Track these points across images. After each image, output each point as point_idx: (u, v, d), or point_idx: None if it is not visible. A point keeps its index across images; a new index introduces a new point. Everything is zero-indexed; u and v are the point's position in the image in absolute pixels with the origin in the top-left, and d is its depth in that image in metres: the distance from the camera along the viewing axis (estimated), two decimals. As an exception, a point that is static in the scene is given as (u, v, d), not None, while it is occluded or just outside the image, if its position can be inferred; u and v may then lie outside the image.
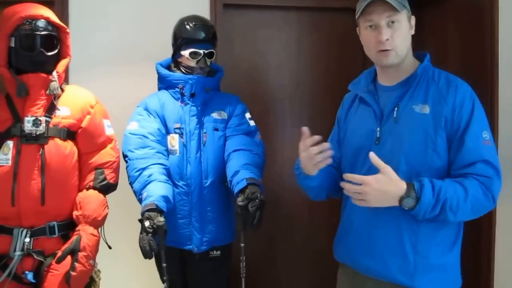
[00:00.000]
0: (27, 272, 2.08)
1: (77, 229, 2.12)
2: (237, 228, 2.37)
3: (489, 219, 2.23)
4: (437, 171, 1.71)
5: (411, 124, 1.74)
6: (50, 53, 2.11)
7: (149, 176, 2.24)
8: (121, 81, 3.02)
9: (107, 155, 2.25)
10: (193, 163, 2.38)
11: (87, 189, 2.19)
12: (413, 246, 1.72)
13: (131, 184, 2.31)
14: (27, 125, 2.06)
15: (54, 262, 2.07)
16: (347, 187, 1.69)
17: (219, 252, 2.46)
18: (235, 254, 2.49)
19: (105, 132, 2.27)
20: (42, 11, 2.10)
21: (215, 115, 2.47)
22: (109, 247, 2.27)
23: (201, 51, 2.42)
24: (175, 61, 2.52)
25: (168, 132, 2.43)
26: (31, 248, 2.08)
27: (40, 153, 2.07)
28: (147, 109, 2.45)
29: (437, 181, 1.65)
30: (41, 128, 2.08)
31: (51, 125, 2.11)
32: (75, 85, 2.29)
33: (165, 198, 2.18)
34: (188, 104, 2.42)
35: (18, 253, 2.06)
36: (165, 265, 2.18)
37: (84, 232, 2.09)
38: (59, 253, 2.06)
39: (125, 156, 2.37)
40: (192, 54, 2.41)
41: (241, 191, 2.17)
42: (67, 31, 2.18)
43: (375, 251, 1.77)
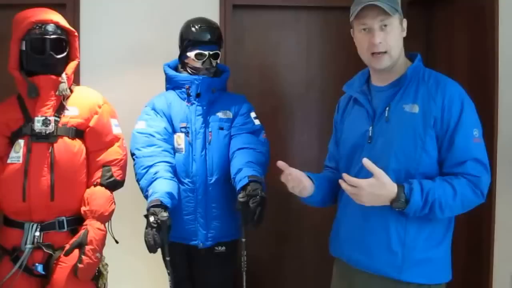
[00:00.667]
0: (37, 264, 2.16)
1: (84, 223, 2.20)
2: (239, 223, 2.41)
3: (488, 214, 2.23)
4: (426, 168, 1.75)
5: (401, 123, 1.78)
6: (59, 56, 2.20)
7: (155, 173, 2.31)
8: (130, 82, 3.10)
9: (114, 153, 2.33)
10: (198, 161, 2.44)
11: (95, 186, 2.27)
12: (401, 240, 1.76)
13: (138, 181, 2.38)
14: (37, 124, 2.15)
15: (62, 255, 2.16)
16: (343, 186, 1.74)
17: (224, 248, 2.52)
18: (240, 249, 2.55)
19: (113, 131, 2.34)
20: (51, 16, 2.19)
21: (220, 115, 2.52)
22: (116, 242, 2.35)
23: (206, 52, 2.47)
24: (181, 62, 2.58)
25: (174, 131, 2.49)
26: (41, 241, 2.17)
27: (49, 151, 2.16)
28: (154, 109, 2.51)
29: (427, 183, 1.70)
30: (51, 127, 2.16)
31: (60, 125, 2.20)
32: (84, 86, 2.37)
33: (170, 194, 2.24)
34: (194, 104, 2.48)
35: (29, 246, 2.15)
36: (168, 258, 2.25)
37: (91, 226, 2.17)
38: (67, 246, 2.15)
39: (132, 154, 2.44)
40: (197, 55, 2.47)
41: (243, 188, 2.23)
42: (75, 34, 2.26)
43: (365, 245, 1.82)
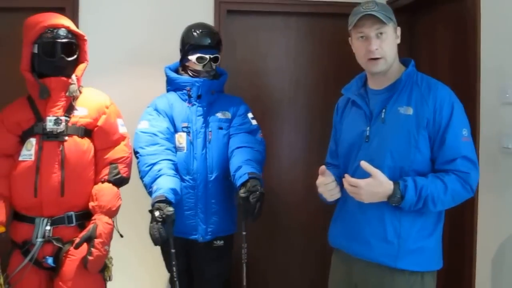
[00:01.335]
0: (47, 257, 2.26)
1: (93, 218, 2.29)
2: (239, 218, 2.54)
3: (471, 209, 2.39)
4: (419, 166, 1.90)
5: (396, 124, 1.93)
6: (69, 59, 2.29)
7: (159, 170, 2.41)
8: (128, 84, 3.19)
9: (120, 151, 2.43)
10: (199, 159, 2.56)
11: (102, 182, 2.37)
12: (396, 231, 1.90)
13: (141, 178, 2.48)
14: (49, 124, 2.25)
15: (72, 248, 2.25)
16: (345, 185, 1.91)
17: (222, 241, 2.63)
18: (236, 243, 2.67)
19: (119, 130, 2.45)
20: (62, 21, 2.29)
21: (219, 115, 2.64)
22: (121, 236, 2.44)
23: (207, 56, 2.59)
24: (182, 65, 2.69)
25: (176, 130, 2.60)
26: (51, 235, 2.27)
27: (60, 149, 2.26)
28: (156, 109, 2.62)
29: (420, 180, 1.85)
30: (61, 126, 2.26)
31: (70, 124, 2.29)
32: (91, 87, 2.47)
33: (174, 190, 2.35)
34: (194, 105, 2.60)
35: (39, 239, 2.25)
36: (173, 251, 2.37)
37: (100, 221, 2.27)
38: (77, 240, 2.24)
39: (136, 152, 2.54)
40: (198, 59, 2.59)
41: (243, 184, 2.35)
42: (85, 38, 2.36)
43: (363, 236, 1.96)
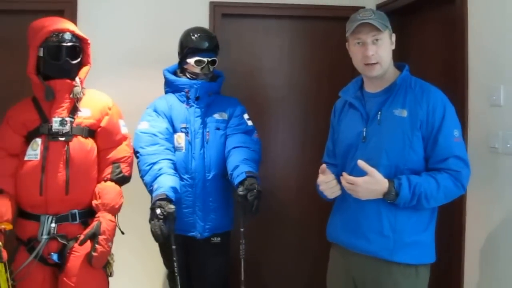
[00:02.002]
0: (52, 253, 2.33)
1: (96, 215, 2.37)
2: (237, 215, 2.62)
3: (460, 205, 2.49)
4: (413, 164, 2.01)
5: (391, 125, 2.03)
6: (74, 62, 2.37)
7: (159, 169, 2.49)
8: (126, 86, 3.25)
9: (122, 151, 2.51)
10: (197, 158, 2.64)
11: (105, 181, 2.44)
12: (392, 226, 2.00)
13: (142, 177, 2.56)
14: (55, 124, 2.32)
15: (76, 244, 2.32)
16: (343, 183, 2.02)
17: (219, 238, 2.71)
18: (234, 239, 2.74)
19: (121, 130, 2.52)
20: (67, 25, 2.37)
21: (217, 116, 2.72)
22: (122, 233, 2.51)
23: (205, 59, 2.67)
24: (181, 67, 2.77)
25: (175, 131, 2.68)
26: (56, 232, 2.34)
27: (65, 149, 2.33)
28: (156, 110, 2.70)
29: (414, 178, 1.95)
30: (67, 127, 2.34)
31: (74, 125, 2.37)
32: (93, 89, 2.54)
33: (174, 189, 2.44)
34: (193, 106, 2.68)
35: (45, 236, 2.32)
36: (174, 247, 2.44)
37: (103, 218, 2.34)
38: (82, 237, 2.32)
39: (136, 152, 2.61)
40: (197, 61, 2.67)
41: (241, 183, 2.44)
42: (88, 42, 2.43)
43: (360, 231, 2.06)
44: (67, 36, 2.34)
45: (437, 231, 2.14)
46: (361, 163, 1.96)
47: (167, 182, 2.45)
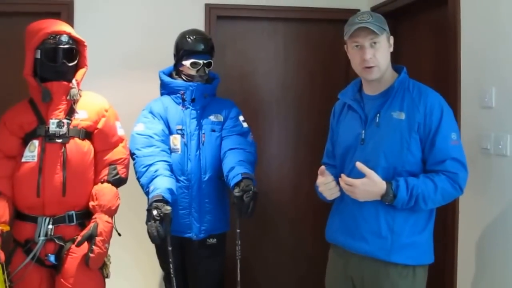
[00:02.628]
0: (49, 254, 2.34)
1: (93, 217, 2.37)
2: (232, 216, 2.63)
3: (453, 205, 2.52)
4: (411, 166, 2.03)
5: (389, 128, 2.05)
6: (71, 64, 2.38)
7: (155, 171, 2.50)
8: (122, 87, 3.27)
9: (119, 152, 2.52)
10: (193, 160, 2.66)
11: (102, 183, 2.45)
12: (389, 227, 2.02)
13: (138, 178, 2.57)
14: (52, 126, 2.33)
15: (73, 246, 2.33)
16: (341, 184, 2.04)
17: (215, 240, 2.72)
18: (230, 241, 2.77)
19: (118, 132, 2.53)
20: (64, 28, 2.38)
21: (212, 118, 2.74)
22: (119, 234, 2.52)
23: (201, 61, 2.69)
24: (176, 69, 2.79)
25: (170, 133, 2.69)
26: (53, 234, 2.34)
27: (62, 150, 2.34)
28: (152, 112, 2.71)
29: (412, 180, 1.97)
30: (64, 129, 2.35)
31: (71, 127, 2.37)
32: (90, 91, 2.54)
33: (170, 190, 2.45)
34: (188, 108, 2.70)
35: (42, 238, 2.32)
36: (170, 248, 2.45)
37: (100, 219, 2.35)
38: (79, 238, 2.32)
39: (132, 154, 2.63)
40: (192, 64, 2.69)
41: (237, 184, 2.45)
42: (85, 44, 2.44)
43: (359, 232, 2.08)
44: (64, 38, 2.35)
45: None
46: (359, 164, 1.98)
47: (163, 183, 2.46)
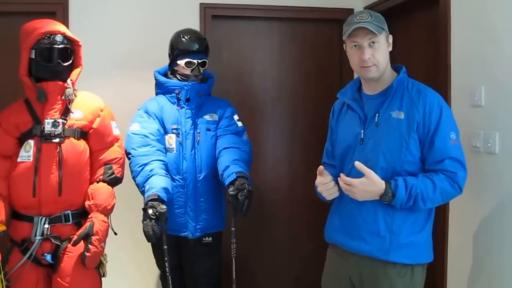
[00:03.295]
0: (46, 254, 2.35)
1: (89, 216, 2.38)
2: (228, 215, 2.65)
3: (443, 206, 2.57)
4: (409, 166, 2.04)
5: (388, 127, 2.06)
6: (66, 64, 2.38)
7: (151, 170, 2.52)
8: (117, 87, 3.28)
9: (114, 152, 2.53)
10: (188, 159, 2.68)
11: (98, 182, 2.46)
12: (388, 227, 2.03)
13: (134, 178, 2.59)
14: (47, 126, 2.34)
15: (69, 245, 2.34)
16: (340, 184, 2.04)
17: (210, 238, 2.74)
18: (226, 239, 2.78)
19: (113, 132, 2.54)
20: (59, 27, 2.38)
21: (207, 117, 2.75)
22: (115, 233, 2.53)
23: (195, 61, 2.70)
24: (171, 69, 2.80)
25: (166, 132, 2.71)
26: (49, 233, 2.35)
27: (57, 150, 2.35)
28: (147, 112, 2.72)
29: (411, 180, 1.97)
30: (59, 129, 2.35)
31: (66, 126, 2.38)
32: (85, 91, 2.55)
33: (166, 189, 2.46)
34: (183, 107, 2.71)
35: (38, 237, 2.33)
36: (166, 247, 2.47)
37: (96, 219, 2.36)
38: (75, 237, 2.33)
39: (128, 153, 2.64)
40: (187, 63, 2.70)
41: (232, 183, 2.47)
42: (80, 44, 2.45)
43: (357, 232, 2.09)
44: (59, 38, 2.35)
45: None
46: (358, 164, 1.98)
47: (159, 182, 2.47)
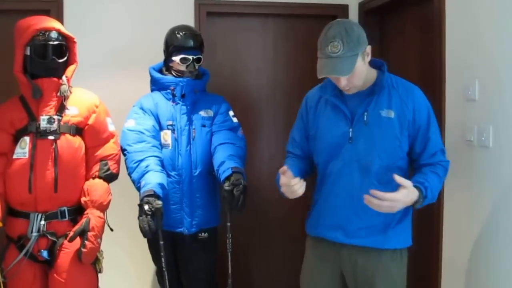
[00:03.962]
0: (42, 250, 2.36)
1: (85, 212, 2.39)
2: (223, 210, 2.65)
3: (438, 197, 2.58)
4: (400, 162, 2.13)
5: (380, 127, 2.09)
6: (60, 60, 2.38)
7: (146, 166, 2.52)
8: (112, 84, 3.27)
9: (110, 148, 2.54)
10: (184, 155, 2.68)
11: (93, 178, 2.47)
12: (383, 218, 2.08)
13: (129, 174, 2.59)
14: (43, 123, 2.34)
15: (66, 241, 2.35)
16: (374, 202, 1.91)
17: (206, 234, 2.76)
18: (221, 235, 2.75)
19: (108, 128, 2.55)
20: (53, 24, 2.39)
21: (202, 113, 2.76)
22: (111, 229, 2.55)
23: (190, 57, 2.70)
24: (166, 65, 2.80)
25: (161, 128, 2.71)
26: (45, 230, 2.36)
27: (53, 147, 2.35)
28: (142, 108, 2.72)
29: (430, 182, 2.02)
30: (55, 125, 2.36)
31: (62, 123, 2.39)
32: (80, 87, 2.56)
33: (161, 185, 2.47)
34: (179, 103, 2.72)
35: (35, 234, 2.34)
36: (162, 242, 2.48)
37: (92, 215, 2.37)
38: (71, 233, 2.34)
39: (123, 149, 2.64)
40: (182, 59, 2.70)
41: (227, 178, 2.48)
42: (74, 40, 2.45)
43: (352, 227, 2.13)
44: (54, 34, 2.35)
45: (416, 221, 2.25)
46: (397, 177, 1.93)
47: (154, 178, 2.48)
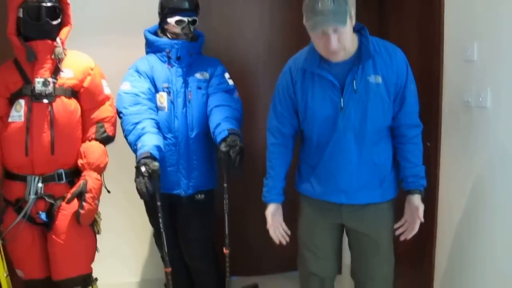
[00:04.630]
0: (40, 212, 2.38)
1: (82, 174, 2.41)
2: (220, 171, 2.68)
3: (434, 157, 2.60)
4: (388, 122, 2.18)
5: (369, 93, 2.10)
6: (54, 22, 2.36)
7: (143, 129, 2.53)
8: (109, 47, 3.21)
9: (106, 111, 2.54)
10: (180, 117, 2.69)
11: (90, 141, 2.48)
12: (380, 178, 2.22)
13: (126, 136, 2.60)
14: (38, 85, 2.33)
15: (64, 203, 2.38)
16: (414, 232, 2.22)
17: (203, 195, 2.79)
18: (218, 198, 2.80)
19: (104, 91, 2.54)
20: None
21: (198, 76, 2.75)
22: (108, 191, 2.57)
23: (186, 19, 2.68)
24: (161, 28, 2.78)
25: (157, 91, 2.71)
26: (43, 192, 2.38)
27: (49, 109, 2.34)
28: (138, 71, 2.71)
29: (421, 170, 2.20)
30: (50, 88, 2.35)
31: (57, 85, 2.38)
32: (74, 50, 2.53)
33: (158, 147, 2.49)
34: (174, 66, 2.71)
35: (32, 196, 2.36)
36: (159, 203, 2.51)
37: (89, 177, 2.40)
38: (69, 195, 2.37)
39: (119, 112, 2.64)
40: (177, 21, 2.68)
41: (223, 139, 2.50)
42: (68, 2, 2.42)
43: (352, 190, 2.21)
44: None
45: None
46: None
47: (151, 140, 2.49)
